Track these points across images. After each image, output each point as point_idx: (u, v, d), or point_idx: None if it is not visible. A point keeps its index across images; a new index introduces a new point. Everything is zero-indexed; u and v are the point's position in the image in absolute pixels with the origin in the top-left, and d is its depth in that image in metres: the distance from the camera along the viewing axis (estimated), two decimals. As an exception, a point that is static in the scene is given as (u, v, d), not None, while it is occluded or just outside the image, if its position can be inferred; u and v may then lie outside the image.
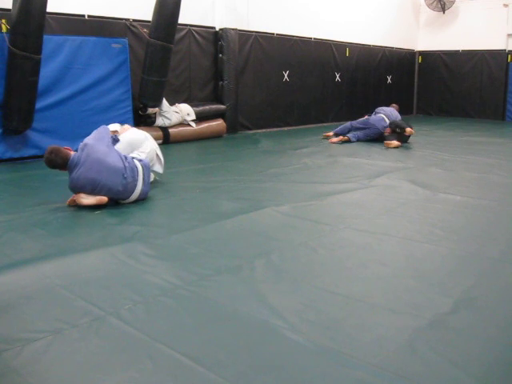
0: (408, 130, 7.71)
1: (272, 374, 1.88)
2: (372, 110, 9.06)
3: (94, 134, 4.30)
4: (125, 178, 4.07)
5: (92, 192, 4.00)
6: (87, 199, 4.00)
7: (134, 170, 4.17)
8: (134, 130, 4.97)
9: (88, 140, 4.16)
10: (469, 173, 5.70)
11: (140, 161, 4.33)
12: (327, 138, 8.54)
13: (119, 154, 4.19)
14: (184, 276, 2.74)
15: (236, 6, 8.96)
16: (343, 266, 2.96)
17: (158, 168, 4.91)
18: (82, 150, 4.06)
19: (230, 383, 1.82)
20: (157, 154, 4.89)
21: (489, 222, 3.89)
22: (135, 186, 4.16)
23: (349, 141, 8.17)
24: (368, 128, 8.24)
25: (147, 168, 4.35)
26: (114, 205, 4.13)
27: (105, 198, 4.03)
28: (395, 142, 7.63)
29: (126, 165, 4.13)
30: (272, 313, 2.33)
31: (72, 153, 4.05)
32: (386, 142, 7.72)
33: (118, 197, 4.12)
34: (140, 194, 4.22)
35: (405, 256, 3.12)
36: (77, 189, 4.02)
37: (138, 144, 4.69)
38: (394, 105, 9.04)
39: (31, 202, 4.24)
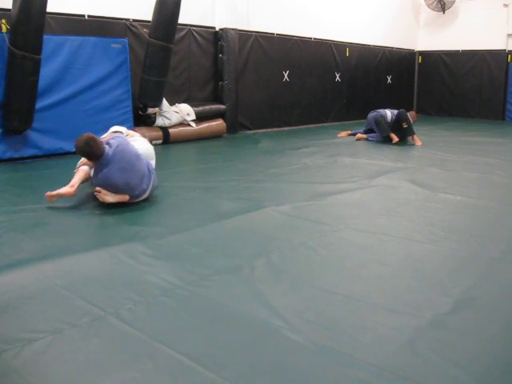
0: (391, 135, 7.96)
1: (272, 374, 1.88)
2: (371, 110, 9.07)
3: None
4: (143, 182, 4.10)
5: (116, 192, 3.98)
6: (112, 197, 3.97)
7: (150, 176, 4.20)
8: (143, 139, 4.91)
9: (120, 139, 4.11)
10: (469, 173, 5.70)
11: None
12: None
13: (145, 159, 4.21)
14: (184, 276, 2.74)
15: (236, 5, 8.95)
16: (343, 266, 2.96)
17: None
18: (116, 146, 3.96)
19: (230, 383, 1.82)
20: None
21: (489, 222, 3.89)
22: (146, 190, 4.17)
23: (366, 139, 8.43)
24: (367, 125, 8.54)
25: (154, 175, 4.37)
26: (115, 205, 4.13)
27: (126, 197, 4.04)
28: (395, 138, 7.89)
29: (150, 168, 4.20)
30: (272, 313, 2.33)
31: (106, 148, 3.94)
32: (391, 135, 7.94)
33: (133, 198, 4.13)
34: (143, 197, 4.24)
35: (405, 256, 3.12)
36: (102, 186, 3.94)
37: (151, 157, 4.70)
38: (412, 111, 9.12)
39: (31, 202, 4.24)
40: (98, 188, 3.95)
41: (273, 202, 4.31)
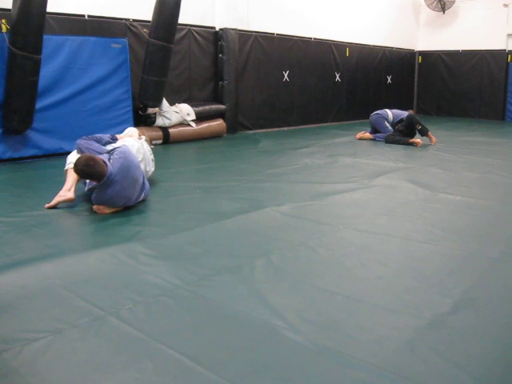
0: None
1: (272, 374, 1.88)
2: (371, 110, 9.08)
3: (132, 141, 4.46)
4: (140, 191, 4.10)
5: (115, 206, 3.96)
6: (109, 209, 3.95)
7: (144, 183, 4.21)
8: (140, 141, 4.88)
9: (123, 153, 4.02)
10: (469, 173, 5.70)
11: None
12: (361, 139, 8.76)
13: (141, 169, 4.22)
14: (184, 276, 2.74)
15: (236, 6, 8.96)
16: (343, 266, 2.96)
17: None
18: (119, 165, 3.86)
19: (230, 383, 1.82)
20: None
21: (489, 222, 3.89)
22: (140, 197, 4.16)
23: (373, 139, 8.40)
24: (372, 127, 8.55)
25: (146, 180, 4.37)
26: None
27: (122, 206, 4.03)
28: (419, 142, 7.81)
29: (145, 178, 4.24)
30: (272, 313, 2.33)
31: (108, 167, 3.81)
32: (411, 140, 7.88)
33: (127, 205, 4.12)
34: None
35: (405, 256, 3.12)
36: (106, 204, 3.91)
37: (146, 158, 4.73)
38: (410, 110, 9.12)
39: (31, 202, 4.23)
40: (95, 206, 3.94)
41: (273, 201, 4.31)
